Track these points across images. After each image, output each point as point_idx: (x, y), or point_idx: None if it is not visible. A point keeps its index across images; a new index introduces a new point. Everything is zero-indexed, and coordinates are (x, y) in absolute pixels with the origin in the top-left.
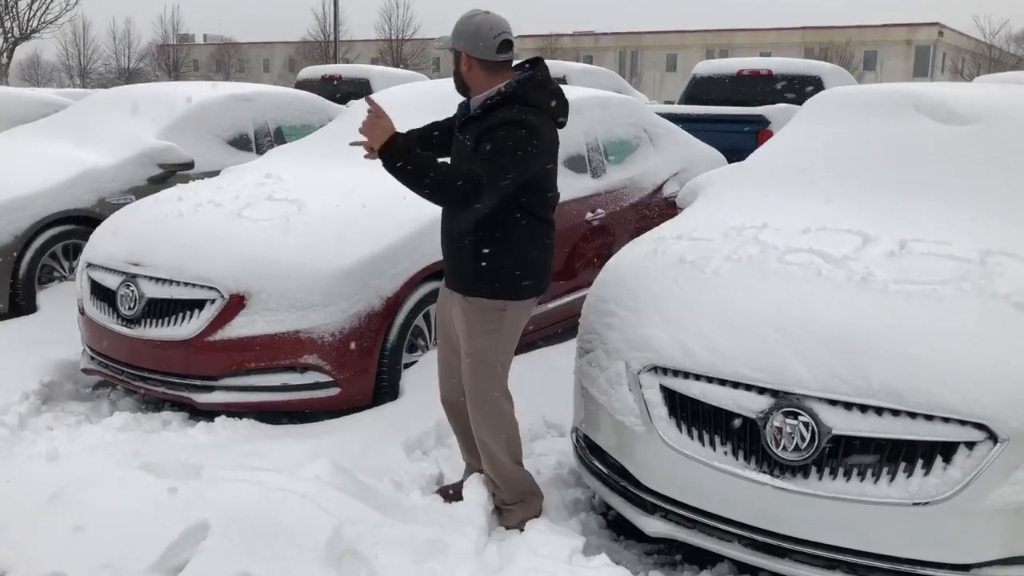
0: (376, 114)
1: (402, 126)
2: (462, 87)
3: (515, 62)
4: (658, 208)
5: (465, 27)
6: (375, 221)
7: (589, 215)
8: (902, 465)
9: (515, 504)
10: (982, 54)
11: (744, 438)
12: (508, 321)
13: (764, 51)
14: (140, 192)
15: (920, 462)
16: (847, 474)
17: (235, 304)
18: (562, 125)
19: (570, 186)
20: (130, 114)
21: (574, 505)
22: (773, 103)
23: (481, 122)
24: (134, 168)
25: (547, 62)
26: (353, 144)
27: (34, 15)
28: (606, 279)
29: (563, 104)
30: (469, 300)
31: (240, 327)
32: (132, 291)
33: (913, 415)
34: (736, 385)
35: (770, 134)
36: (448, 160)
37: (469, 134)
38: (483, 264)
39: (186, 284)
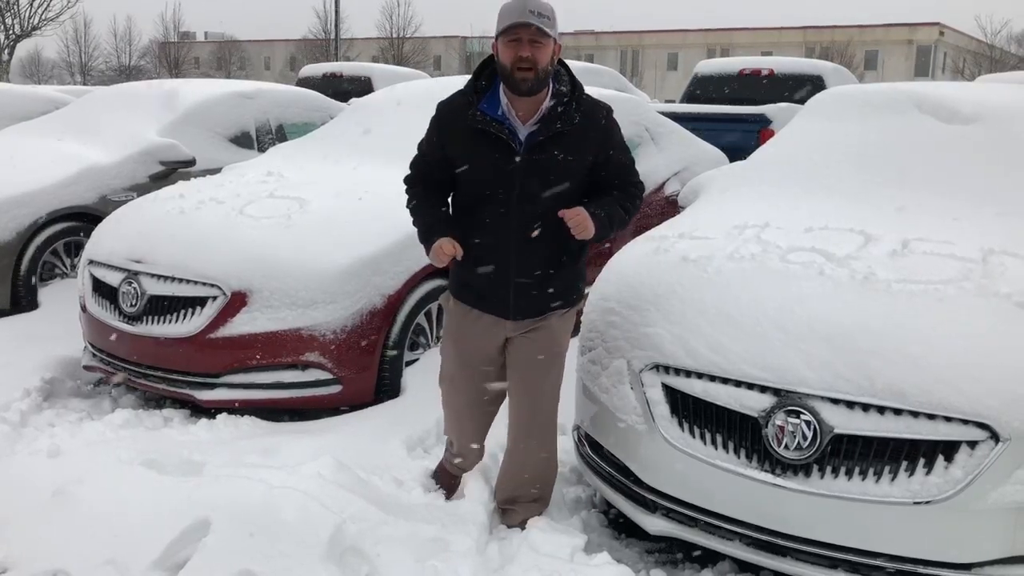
0: (572, 217)
1: (403, 123)
2: (538, 86)
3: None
4: (659, 207)
5: (552, 15)
6: (377, 219)
7: None
8: (904, 464)
9: (527, 502)
10: (983, 54)
11: (746, 437)
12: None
13: (765, 50)
14: (142, 189)
15: (922, 461)
16: (849, 473)
17: (237, 301)
18: None
19: None
20: (132, 111)
21: (575, 503)
22: (775, 102)
23: (575, 130)
24: (136, 165)
25: None
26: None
27: (35, 12)
28: (608, 277)
29: None
30: (563, 313)
31: (242, 324)
32: (134, 288)
33: (915, 414)
34: (738, 384)
35: (772, 133)
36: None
37: (560, 149)
38: (578, 272)
39: (188, 281)
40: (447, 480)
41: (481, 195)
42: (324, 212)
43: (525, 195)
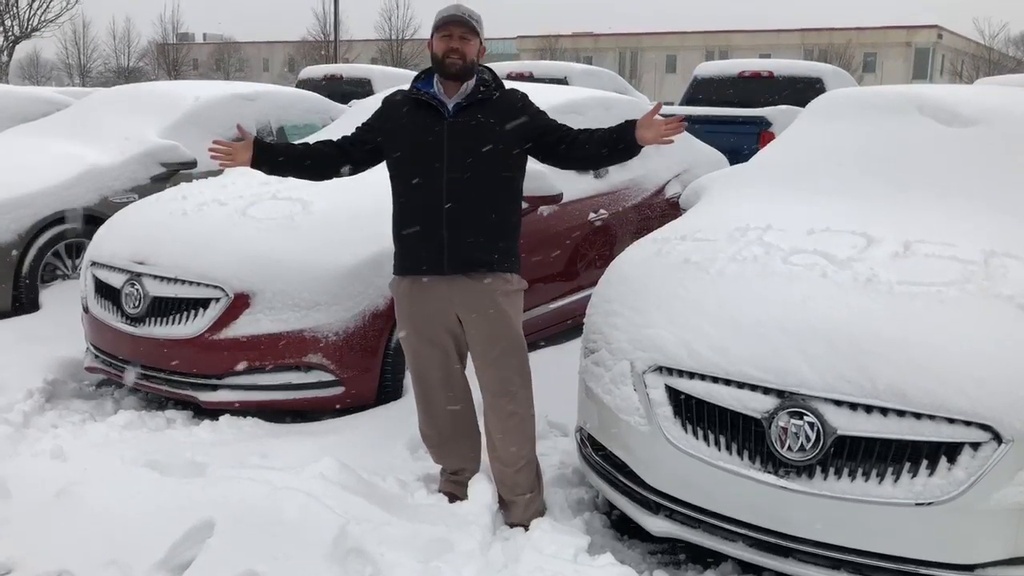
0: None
1: None
2: (465, 73)
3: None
4: (660, 209)
5: (479, 19)
6: (379, 220)
7: (592, 215)
8: (906, 465)
9: (527, 494)
10: (981, 56)
11: (749, 438)
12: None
13: (763, 52)
14: (143, 191)
15: (925, 462)
16: (852, 474)
17: (240, 303)
18: None
19: (573, 186)
20: (133, 113)
21: (578, 505)
22: (774, 105)
23: (496, 102)
24: (137, 167)
25: (548, 63)
26: None
27: (34, 14)
28: (611, 279)
29: None
30: (502, 278)
31: (245, 326)
32: (136, 289)
33: (918, 416)
34: (741, 385)
35: (772, 136)
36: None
37: (483, 114)
38: (510, 233)
39: (191, 283)
40: (452, 492)
41: (415, 158)
42: (326, 213)
43: (454, 153)
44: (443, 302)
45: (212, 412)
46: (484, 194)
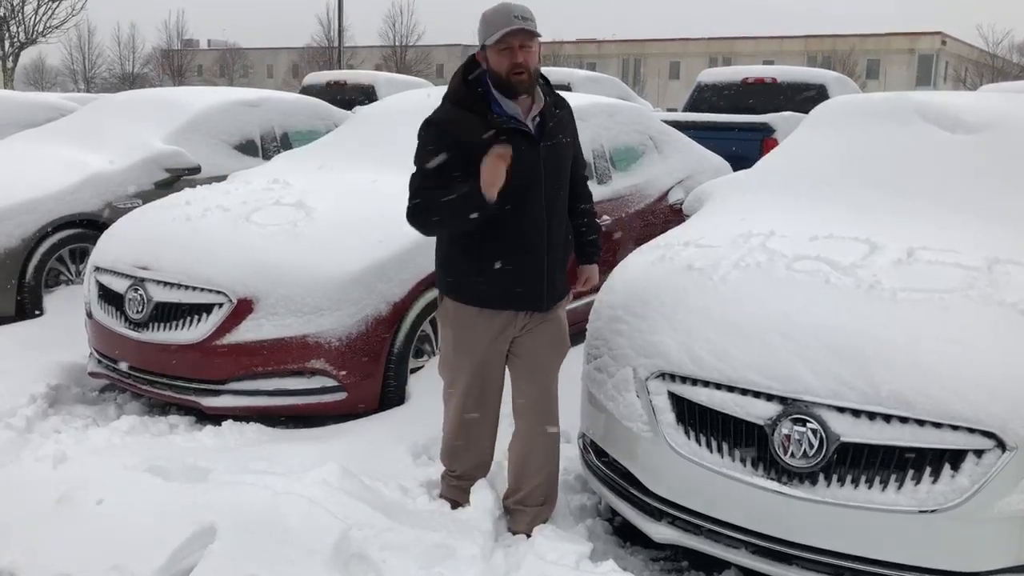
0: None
1: (398, 136)
2: (532, 86)
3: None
4: (663, 215)
5: (534, 18)
6: (382, 226)
7: None
8: (910, 473)
9: (538, 505)
10: (985, 63)
11: (752, 445)
12: None
13: (767, 59)
14: (147, 197)
15: (928, 470)
16: (855, 481)
17: (243, 308)
18: None
19: None
20: (137, 119)
21: (581, 511)
22: (777, 111)
23: (563, 117)
24: (141, 173)
25: (552, 69)
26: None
27: (40, 20)
28: (614, 285)
29: None
30: (562, 302)
31: (248, 331)
32: (140, 295)
33: (921, 423)
34: (744, 392)
35: (775, 142)
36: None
37: (562, 133)
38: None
39: (194, 288)
40: (454, 498)
41: (514, 191)
42: (330, 219)
43: (550, 181)
44: (508, 332)
45: (215, 417)
46: (564, 219)
